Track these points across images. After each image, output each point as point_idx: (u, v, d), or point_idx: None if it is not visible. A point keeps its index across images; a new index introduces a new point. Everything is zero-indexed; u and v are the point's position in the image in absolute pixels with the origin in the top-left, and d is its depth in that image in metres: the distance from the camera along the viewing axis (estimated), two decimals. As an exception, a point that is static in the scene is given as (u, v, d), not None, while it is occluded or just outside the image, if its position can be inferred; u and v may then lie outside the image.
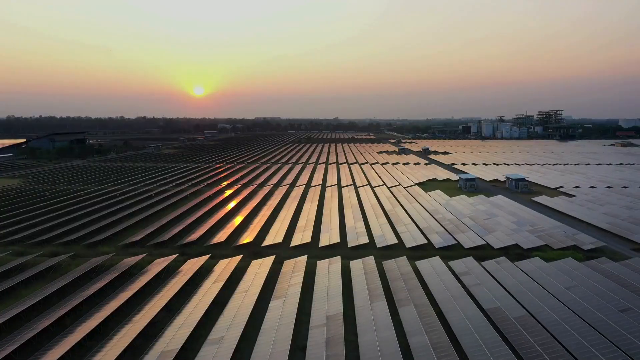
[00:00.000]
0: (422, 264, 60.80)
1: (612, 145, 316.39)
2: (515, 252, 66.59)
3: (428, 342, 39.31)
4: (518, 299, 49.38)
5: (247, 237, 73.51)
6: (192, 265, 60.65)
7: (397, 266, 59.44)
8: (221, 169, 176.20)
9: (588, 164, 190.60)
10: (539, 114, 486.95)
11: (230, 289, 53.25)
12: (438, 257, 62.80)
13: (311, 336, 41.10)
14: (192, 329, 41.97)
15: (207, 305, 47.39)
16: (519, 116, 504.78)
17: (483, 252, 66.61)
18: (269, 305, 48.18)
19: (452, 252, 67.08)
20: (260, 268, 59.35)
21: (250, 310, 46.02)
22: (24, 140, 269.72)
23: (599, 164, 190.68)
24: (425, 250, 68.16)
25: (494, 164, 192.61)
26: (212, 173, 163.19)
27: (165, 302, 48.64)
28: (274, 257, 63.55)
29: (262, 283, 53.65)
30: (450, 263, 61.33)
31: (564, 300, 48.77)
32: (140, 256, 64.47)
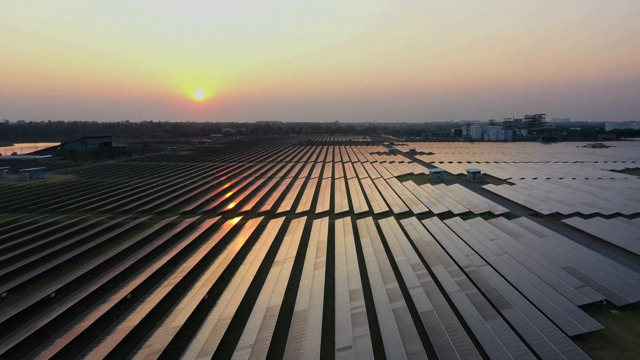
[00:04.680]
0: (381, 221, 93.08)
1: (584, 146, 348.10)
2: (447, 216, 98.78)
3: (373, 250, 71.58)
4: (433, 234, 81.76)
5: (265, 208, 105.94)
6: (231, 222, 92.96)
7: (365, 221, 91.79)
8: (235, 166, 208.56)
9: (548, 162, 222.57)
10: (525, 118, 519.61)
11: (259, 233, 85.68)
12: (393, 217, 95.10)
13: (308, 249, 73.29)
14: (241, 246, 74.34)
15: (247, 238, 79.77)
16: (507, 119, 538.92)
17: (425, 216, 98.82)
18: (284, 238, 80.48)
19: (404, 216, 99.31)
20: (276, 223, 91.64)
21: (273, 239, 78.41)
22: (59, 143, 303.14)
23: (557, 162, 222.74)
24: (387, 215, 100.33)
25: (467, 162, 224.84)
26: (229, 169, 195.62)
27: (221, 237, 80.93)
28: (284, 217, 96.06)
29: (278, 229, 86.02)
30: (400, 220, 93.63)
31: (460, 235, 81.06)
32: (196, 217, 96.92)
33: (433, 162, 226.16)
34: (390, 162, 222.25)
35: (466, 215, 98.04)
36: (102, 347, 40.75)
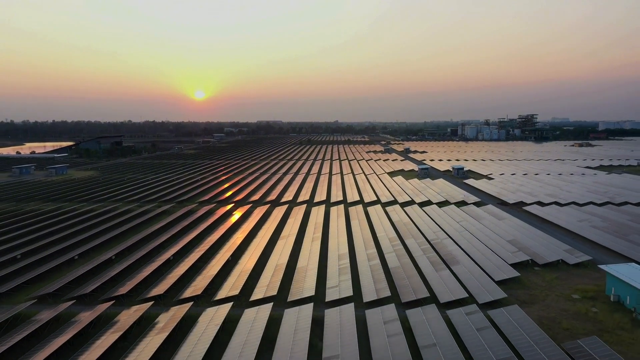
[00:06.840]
0: (369, 208, 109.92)
1: (572, 145, 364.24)
2: (426, 204, 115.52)
3: (360, 228, 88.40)
4: (411, 217, 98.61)
5: (270, 198, 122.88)
6: (242, 209, 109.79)
7: (355, 208, 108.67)
8: (240, 164, 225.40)
9: (531, 160, 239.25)
10: (519, 118, 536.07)
11: (266, 217, 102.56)
12: (380, 205, 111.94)
13: (308, 228, 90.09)
14: (252, 226, 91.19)
15: (257, 221, 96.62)
16: (501, 119, 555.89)
17: (407, 204, 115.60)
18: (287, 221, 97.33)
19: (390, 204, 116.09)
20: (280, 210, 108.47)
21: (278, 221, 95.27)
22: (72, 143, 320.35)
23: (539, 160, 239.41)
24: (375, 204, 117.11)
25: (456, 160, 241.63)
26: (234, 166, 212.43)
27: (235, 220, 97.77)
28: (287, 205, 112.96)
29: (283, 214, 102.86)
30: (386, 207, 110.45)
31: (433, 218, 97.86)
32: (212, 205, 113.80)
33: (424, 160, 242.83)
34: (384, 160, 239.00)
35: (443, 204, 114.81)
36: (160, 286, 57.55)
